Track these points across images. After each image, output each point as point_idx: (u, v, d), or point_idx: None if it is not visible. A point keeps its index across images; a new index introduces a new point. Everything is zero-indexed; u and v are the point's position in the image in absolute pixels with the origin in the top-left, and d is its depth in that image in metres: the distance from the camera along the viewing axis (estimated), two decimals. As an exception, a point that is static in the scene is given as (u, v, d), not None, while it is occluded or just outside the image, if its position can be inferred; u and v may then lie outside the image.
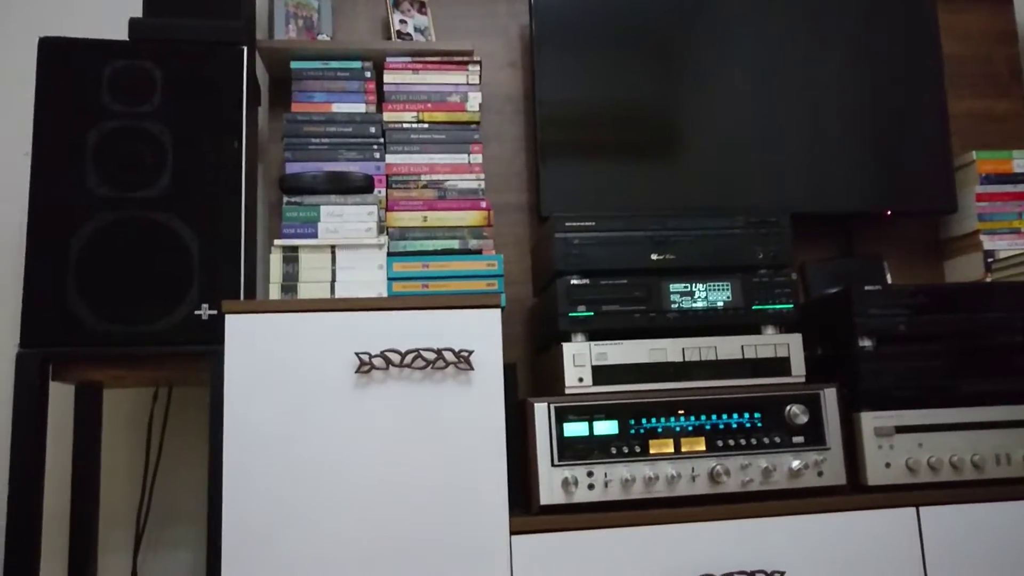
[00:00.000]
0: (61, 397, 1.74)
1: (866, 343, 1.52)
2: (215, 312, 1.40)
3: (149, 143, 1.45)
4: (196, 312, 1.40)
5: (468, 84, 1.79)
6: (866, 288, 1.52)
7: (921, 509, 1.42)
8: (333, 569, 1.29)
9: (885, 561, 1.39)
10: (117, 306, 1.39)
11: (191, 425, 1.80)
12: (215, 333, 1.38)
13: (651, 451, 1.41)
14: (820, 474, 1.44)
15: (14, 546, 1.32)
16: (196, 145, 1.46)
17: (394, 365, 1.35)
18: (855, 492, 1.46)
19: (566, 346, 1.45)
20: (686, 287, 1.50)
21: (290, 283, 1.53)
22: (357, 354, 1.35)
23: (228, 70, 1.50)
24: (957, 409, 1.50)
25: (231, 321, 1.34)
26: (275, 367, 1.34)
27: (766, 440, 1.44)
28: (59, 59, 1.45)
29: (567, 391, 1.44)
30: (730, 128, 1.90)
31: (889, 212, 1.93)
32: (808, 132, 1.93)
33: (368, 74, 1.77)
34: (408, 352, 1.35)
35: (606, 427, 1.41)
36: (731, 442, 1.43)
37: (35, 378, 1.36)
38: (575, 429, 1.40)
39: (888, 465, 1.47)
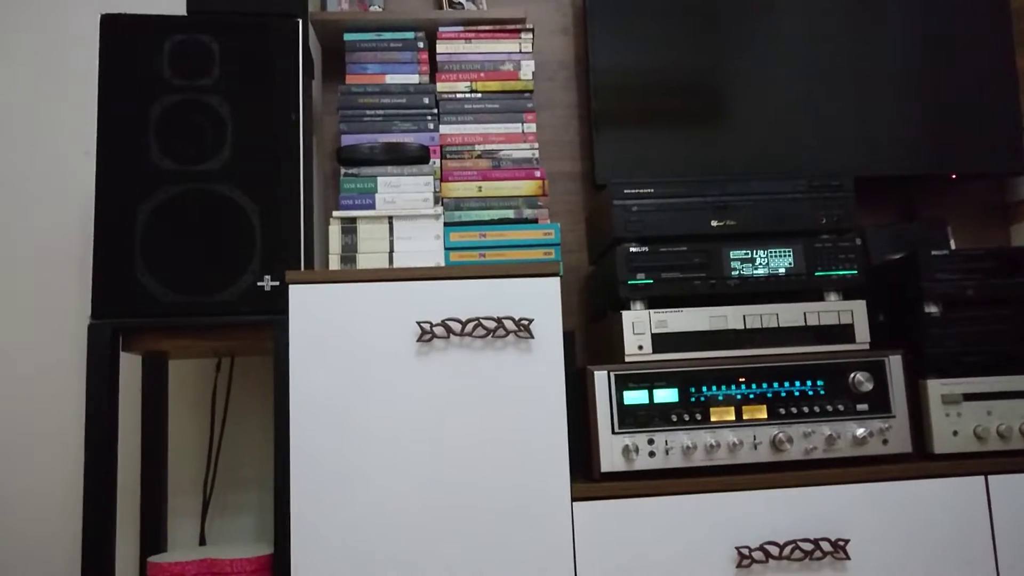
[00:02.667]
0: (128, 368, 1.79)
1: (932, 309, 1.48)
2: (277, 283, 1.42)
3: (209, 116, 1.47)
4: (259, 283, 1.42)
5: (521, 52, 1.77)
6: (933, 252, 1.49)
7: (990, 478, 1.40)
8: (397, 533, 1.31)
9: (953, 530, 1.37)
10: (183, 277, 1.41)
11: (252, 394, 1.84)
12: (278, 303, 1.40)
13: (712, 419, 1.40)
14: (885, 442, 1.42)
15: (92, 512, 1.37)
16: (255, 118, 1.47)
17: (455, 334, 1.36)
18: (921, 460, 1.44)
19: (625, 314, 1.45)
20: (747, 253, 1.48)
21: (349, 254, 1.55)
22: (419, 323, 1.36)
23: (284, 42, 1.51)
24: (1028, 376, 1.47)
25: (294, 291, 1.36)
26: (338, 336, 1.35)
27: (829, 408, 1.42)
28: (120, 35, 1.47)
29: (627, 359, 1.43)
30: (785, 91, 1.86)
31: (954, 175, 1.87)
32: (866, 94, 1.87)
33: (421, 44, 1.77)
34: (468, 320, 1.36)
35: (666, 395, 1.40)
36: (794, 410, 1.41)
37: (107, 348, 1.40)
38: (635, 397, 1.40)
39: (955, 433, 1.45)
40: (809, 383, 1.42)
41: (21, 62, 1.90)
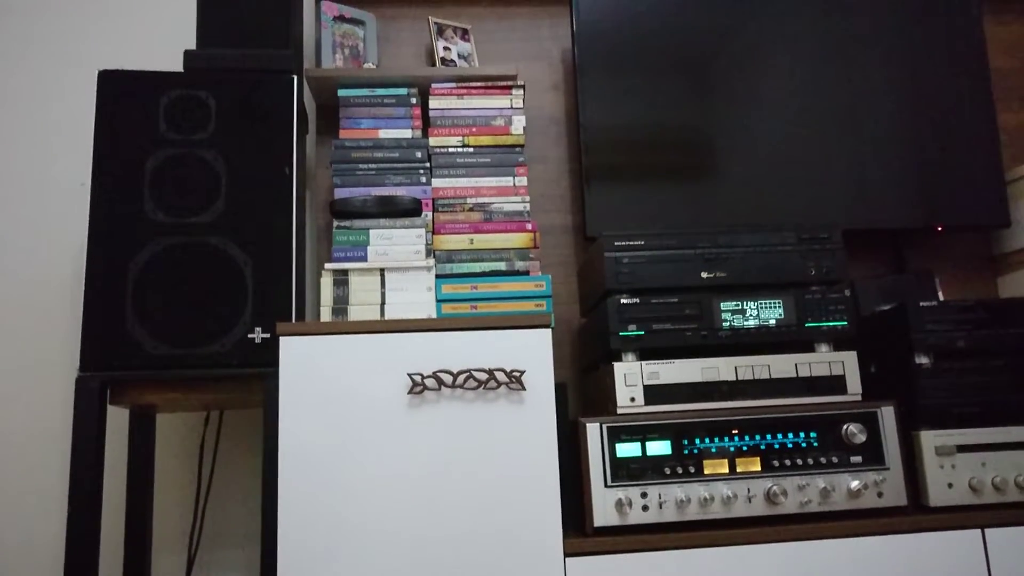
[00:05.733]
0: (115, 421, 1.77)
1: (924, 360, 1.48)
2: (268, 335, 1.42)
3: (204, 170, 1.48)
4: (250, 335, 1.42)
5: (512, 108, 1.80)
6: (922, 304, 1.49)
7: (987, 531, 1.38)
8: (388, 591, 1.29)
9: (951, 585, 1.35)
10: (174, 330, 1.41)
11: (241, 449, 1.82)
12: (269, 355, 1.40)
13: (706, 471, 1.39)
14: (880, 495, 1.40)
15: (74, 568, 1.33)
16: (249, 171, 1.48)
17: (446, 386, 1.35)
18: (917, 513, 1.42)
19: (617, 365, 1.44)
20: (737, 305, 1.49)
21: (340, 306, 1.55)
22: (410, 375, 1.35)
23: (279, 98, 1.53)
24: (1022, 427, 1.46)
25: (285, 343, 1.36)
26: (328, 388, 1.35)
27: (823, 460, 1.41)
28: (117, 91, 1.49)
29: (619, 411, 1.43)
30: (774, 146, 1.89)
31: (940, 227, 1.89)
32: (854, 148, 1.91)
33: (414, 100, 1.79)
34: (460, 372, 1.35)
35: (659, 447, 1.39)
36: (787, 462, 1.40)
37: (94, 402, 1.38)
38: (628, 449, 1.39)
39: (951, 485, 1.43)
40: (802, 435, 1.42)
41: (16, 115, 1.92)
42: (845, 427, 1.42)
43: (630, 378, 1.44)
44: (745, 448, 1.40)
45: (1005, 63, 2.14)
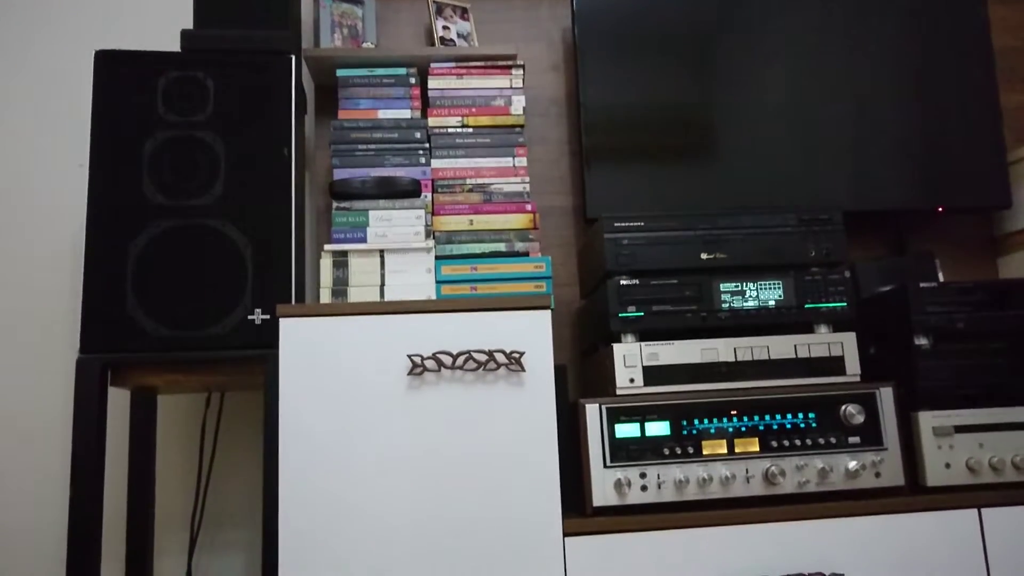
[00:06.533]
0: (117, 402, 1.77)
1: (923, 341, 1.49)
2: (268, 317, 1.42)
3: (203, 151, 1.47)
4: (250, 316, 1.42)
5: (512, 88, 1.79)
6: (922, 285, 1.49)
7: (983, 511, 1.39)
8: (388, 570, 1.30)
9: (946, 564, 1.36)
10: (174, 312, 1.41)
11: (242, 430, 1.83)
12: (268, 337, 1.40)
13: (704, 452, 1.40)
14: (878, 475, 1.41)
15: (77, 548, 1.35)
16: (248, 153, 1.48)
17: (446, 367, 1.36)
18: (914, 493, 1.43)
19: (616, 347, 1.45)
20: (737, 286, 1.49)
21: (340, 287, 1.55)
22: (409, 356, 1.35)
23: (278, 79, 1.52)
24: (1019, 408, 1.46)
25: (285, 325, 1.36)
26: (328, 369, 1.35)
27: (821, 440, 1.41)
28: (115, 71, 1.49)
29: (618, 392, 1.43)
30: (774, 128, 1.88)
31: (941, 208, 1.89)
32: (854, 129, 1.90)
33: (413, 80, 1.78)
34: (460, 354, 1.36)
35: (658, 428, 1.40)
36: (786, 443, 1.41)
37: (95, 383, 1.39)
38: (627, 430, 1.39)
39: (948, 466, 1.44)
40: (801, 416, 1.42)
41: (13, 95, 1.92)
42: (844, 408, 1.42)
43: (629, 359, 1.44)
44: (744, 429, 1.41)
45: (1008, 43, 2.13)
